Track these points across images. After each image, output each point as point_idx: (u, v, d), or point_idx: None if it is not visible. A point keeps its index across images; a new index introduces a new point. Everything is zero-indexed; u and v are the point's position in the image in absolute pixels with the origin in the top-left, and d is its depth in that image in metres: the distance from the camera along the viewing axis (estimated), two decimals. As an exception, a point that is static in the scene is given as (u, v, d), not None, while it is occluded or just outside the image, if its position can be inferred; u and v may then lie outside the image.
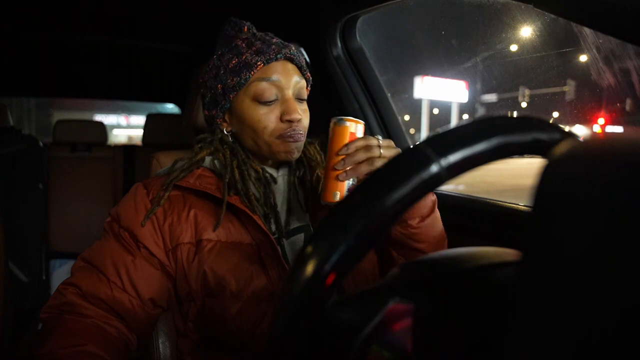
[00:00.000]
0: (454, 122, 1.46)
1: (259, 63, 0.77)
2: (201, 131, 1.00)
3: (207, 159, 0.83)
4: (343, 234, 0.30)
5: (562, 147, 0.25)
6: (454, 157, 0.30)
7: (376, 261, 0.87)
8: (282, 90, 0.78)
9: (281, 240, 0.80)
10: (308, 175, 0.87)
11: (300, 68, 0.82)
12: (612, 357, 0.20)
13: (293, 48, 0.81)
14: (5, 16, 1.65)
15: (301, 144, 0.81)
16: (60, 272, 2.13)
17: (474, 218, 1.10)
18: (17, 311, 1.69)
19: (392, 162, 0.32)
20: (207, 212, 0.78)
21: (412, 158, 0.31)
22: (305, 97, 0.83)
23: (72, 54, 2.22)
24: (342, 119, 0.71)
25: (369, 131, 1.43)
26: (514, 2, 0.80)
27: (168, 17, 1.71)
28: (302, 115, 0.81)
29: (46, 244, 2.07)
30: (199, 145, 0.85)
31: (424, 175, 0.30)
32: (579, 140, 0.26)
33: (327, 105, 1.53)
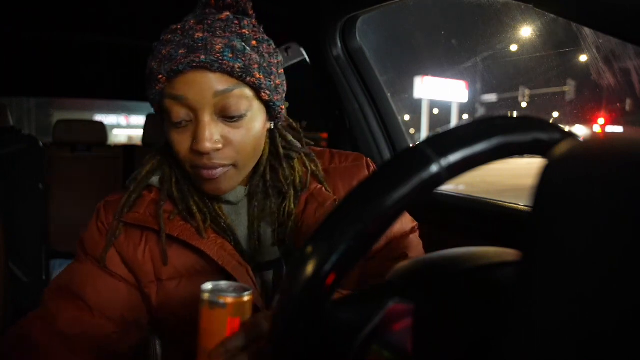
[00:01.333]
0: (454, 122, 1.47)
1: (160, 76, 0.60)
2: None
3: (155, 179, 0.71)
4: (343, 234, 0.30)
5: (562, 147, 0.25)
6: (454, 157, 0.30)
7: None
8: (195, 110, 0.60)
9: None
10: (272, 205, 0.71)
11: (231, 74, 0.60)
12: (613, 357, 0.20)
13: (219, 46, 0.59)
14: (5, 16, 1.64)
15: (226, 182, 0.65)
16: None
17: (474, 218, 1.10)
18: (17, 311, 1.69)
19: (392, 162, 0.32)
20: (167, 244, 0.68)
21: (412, 158, 0.31)
22: (241, 112, 0.61)
23: (72, 54, 2.22)
24: (216, 299, 0.48)
25: (369, 132, 1.43)
26: (514, 2, 0.80)
27: (168, 17, 1.71)
28: (228, 141, 0.62)
29: (46, 244, 2.07)
30: (147, 157, 0.73)
31: (424, 175, 0.30)
32: (579, 140, 0.26)
33: (327, 105, 1.53)
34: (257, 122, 0.65)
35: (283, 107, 0.70)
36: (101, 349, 0.66)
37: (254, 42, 0.63)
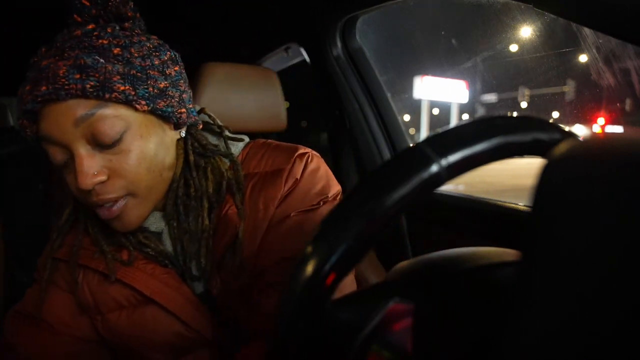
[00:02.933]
0: (453, 122, 1.47)
1: (23, 121, 0.55)
2: None
3: (78, 213, 0.68)
4: (343, 234, 0.30)
5: (562, 147, 0.25)
6: (454, 157, 0.30)
7: None
8: (66, 146, 0.54)
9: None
10: (189, 224, 0.64)
11: (85, 95, 0.52)
12: (613, 357, 0.20)
13: (62, 70, 0.52)
14: (5, 16, 1.65)
15: (131, 215, 0.59)
16: (60, 272, 2.13)
17: (474, 218, 1.10)
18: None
19: (392, 162, 0.32)
20: (98, 277, 0.66)
21: (412, 158, 0.31)
22: (114, 135, 0.54)
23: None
24: None
25: (369, 132, 1.43)
26: (514, 2, 0.80)
27: (168, 16, 1.71)
28: (112, 170, 0.55)
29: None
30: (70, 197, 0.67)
31: (424, 175, 0.30)
32: (579, 140, 0.26)
33: (327, 105, 1.53)
34: (144, 140, 0.57)
35: (184, 110, 0.62)
36: None
37: (116, 50, 0.54)
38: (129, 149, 0.55)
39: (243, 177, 0.67)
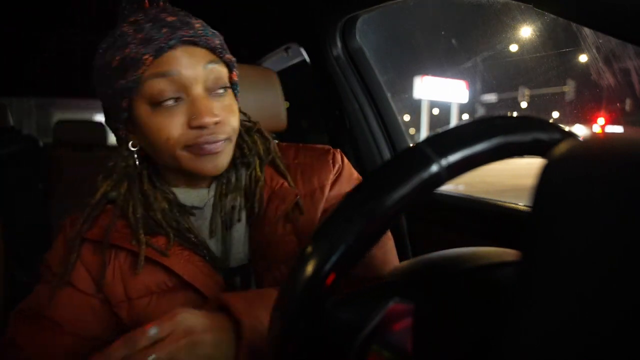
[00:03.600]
0: (453, 122, 1.46)
1: (146, 57, 0.58)
2: None
3: (114, 193, 0.68)
4: (343, 234, 0.30)
5: (562, 147, 0.25)
6: (454, 157, 0.30)
7: None
8: (186, 86, 0.60)
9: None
10: (240, 199, 0.69)
11: (213, 50, 0.62)
12: (613, 357, 0.20)
13: (198, 24, 0.62)
14: (6, 16, 1.65)
15: (224, 157, 0.64)
16: (60, 272, 2.13)
17: (474, 218, 1.10)
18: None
19: (392, 162, 0.32)
20: (130, 262, 0.66)
21: (412, 158, 0.31)
22: (227, 84, 0.64)
23: (72, 54, 2.22)
24: None
25: (369, 132, 1.43)
26: (514, 2, 0.80)
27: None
28: (223, 113, 0.62)
29: (46, 244, 2.07)
30: (102, 175, 0.69)
31: (424, 175, 0.30)
32: (579, 140, 0.26)
33: (327, 105, 1.53)
34: (233, 97, 0.67)
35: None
36: None
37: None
38: (230, 100, 0.65)
39: (285, 166, 0.74)
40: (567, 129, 0.35)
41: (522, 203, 0.98)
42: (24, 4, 1.54)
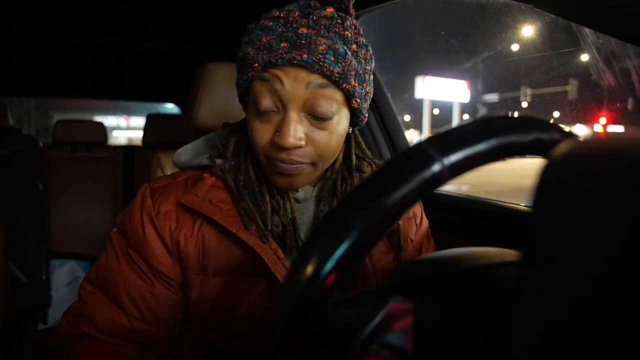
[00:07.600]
0: (455, 122, 1.46)
1: (255, 64, 0.59)
2: (202, 131, 0.94)
3: (219, 160, 0.69)
4: (344, 233, 0.30)
5: (562, 147, 0.25)
6: (455, 157, 0.30)
7: None
8: (284, 102, 0.59)
9: None
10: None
11: (329, 76, 0.58)
12: (613, 356, 0.20)
13: (322, 47, 0.57)
14: (6, 16, 1.65)
15: (302, 178, 0.64)
16: (60, 272, 2.13)
17: (474, 218, 1.10)
18: (17, 311, 1.68)
19: (394, 160, 0.32)
20: (215, 237, 0.65)
21: (414, 157, 0.31)
22: (329, 114, 0.60)
23: (72, 54, 2.22)
24: None
25: (369, 132, 1.43)
26: (514, 2, 0.80)
27: (168, 17, 1.71)
28: (314, 140, 0.61)
29: (46, 244, 2.07)
30: (218, 132, 0.70)
31: (426, 174, 0.30)
32: (579, 140, 0.26)
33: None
34: (341, 126, 0.63)
35: (367, 115, 0.69)
36: (140, 346, 0.66)
37: (354, 47, 0.61)
38: (330, 129, 0.61)
39: None
40: (567, 129, 0.35)
41: (522, 203, 0.98)
42: (24, 5, 1.54)
